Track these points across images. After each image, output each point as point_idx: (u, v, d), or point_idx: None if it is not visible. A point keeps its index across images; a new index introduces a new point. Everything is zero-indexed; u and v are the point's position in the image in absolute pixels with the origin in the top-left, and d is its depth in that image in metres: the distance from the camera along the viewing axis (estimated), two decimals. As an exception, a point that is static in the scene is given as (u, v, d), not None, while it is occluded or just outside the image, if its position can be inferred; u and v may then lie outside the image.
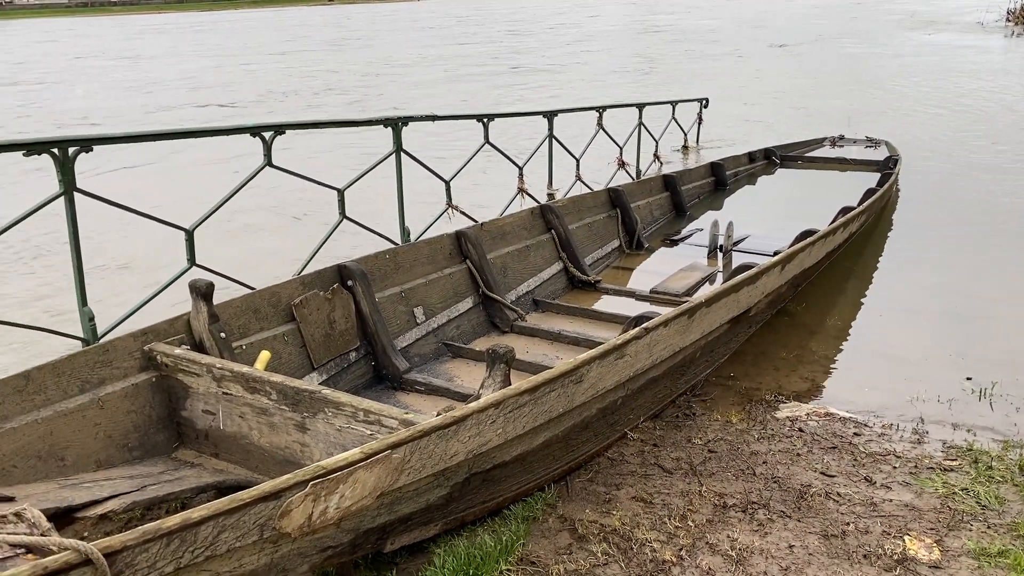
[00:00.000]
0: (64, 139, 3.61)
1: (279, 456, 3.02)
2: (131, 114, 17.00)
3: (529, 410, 2.80)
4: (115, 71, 26.15)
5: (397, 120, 5.40)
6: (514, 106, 15.32)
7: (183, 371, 3.18)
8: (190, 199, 6.56)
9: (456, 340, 4.67)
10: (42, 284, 6.52)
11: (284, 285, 3.94)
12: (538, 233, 5.65)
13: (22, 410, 2.77)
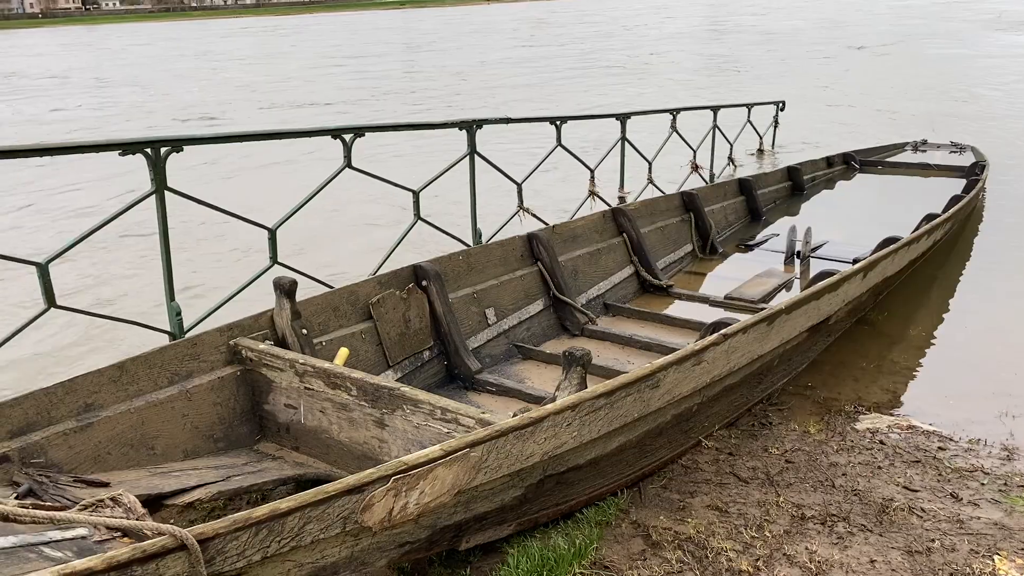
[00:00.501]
0: (156, 140, 3.74)
1: (358, 451, 3.07)
2: (244, 110, 17.67)
3: (605, 414, 2.80)
4: (223, 71, 27.15)
5: (471, 123, 5.44)
6: (599, 107, 15.31)
7: (267, 366, 3.26)
8: (271, 197, 6.76)
9: (526, 342, 4.68)
10: (124, 278, 6.78)
11: (362, 284, 4.02)
12: (609, 236, 5.63)
13: (116, 400, 2.89)
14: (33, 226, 9.11)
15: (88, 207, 9.64)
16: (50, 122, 18.21)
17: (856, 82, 17.87)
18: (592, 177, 6.72)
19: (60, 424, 2.70)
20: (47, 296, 3.38)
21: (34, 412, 2.65)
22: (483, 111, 16.19)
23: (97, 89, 24.79)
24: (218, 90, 22.08)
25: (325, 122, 16.59)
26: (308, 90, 21.24)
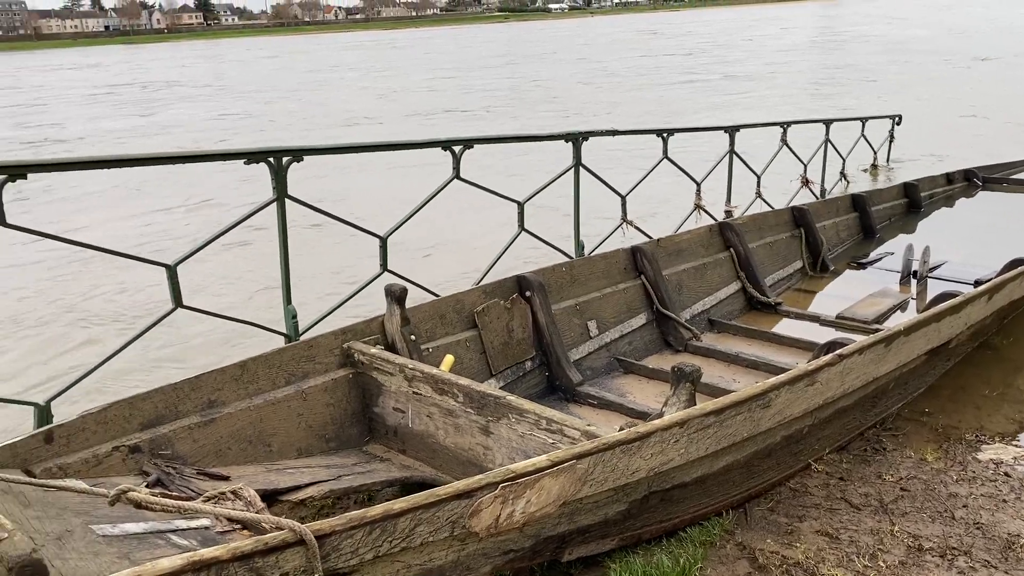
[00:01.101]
0: (278, 149, 3.91)
1: (463, 457, 3.12)
2: (389, 116, 18.48)
3: (713, 432, 2.75)
4: (361, 81, 28.40)
5: (577, 135, 5.46)
6: (713, 118, 15.13)
7: (377, 369, 3.35)
8: (382, 206, 6.95)
9: (628, 356, 4.65)
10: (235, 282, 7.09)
11: (467, 293, 4.08)
12: (716, 251, 5.53)
13: (238, 397, 3.02)
14: (164, 229, 9.67)
15: (208, 208, 10.16)
16: (222, 128, 19.53)
17: (986, 94, 17.01)
18: (698, 190, 6.63)
19: (186, 418, 2.84)
20: (175, 296, 3.57)
21: (163, 406, 2.80)
22: (603, 122, 16.33)
23: (252, 95, 26.32)
24: (360, 99, 23.15)
25: (454, 130, 17.12)
26: (436, 99, 22.07)
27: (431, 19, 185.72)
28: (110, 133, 19.83)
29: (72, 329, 6.63)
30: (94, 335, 6.43)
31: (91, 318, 6.83)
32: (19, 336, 6.61)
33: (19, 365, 6.01)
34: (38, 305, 7.25)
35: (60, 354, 6.12)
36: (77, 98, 29.79)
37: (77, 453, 2.54)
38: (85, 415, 2.60)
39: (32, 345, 6.38)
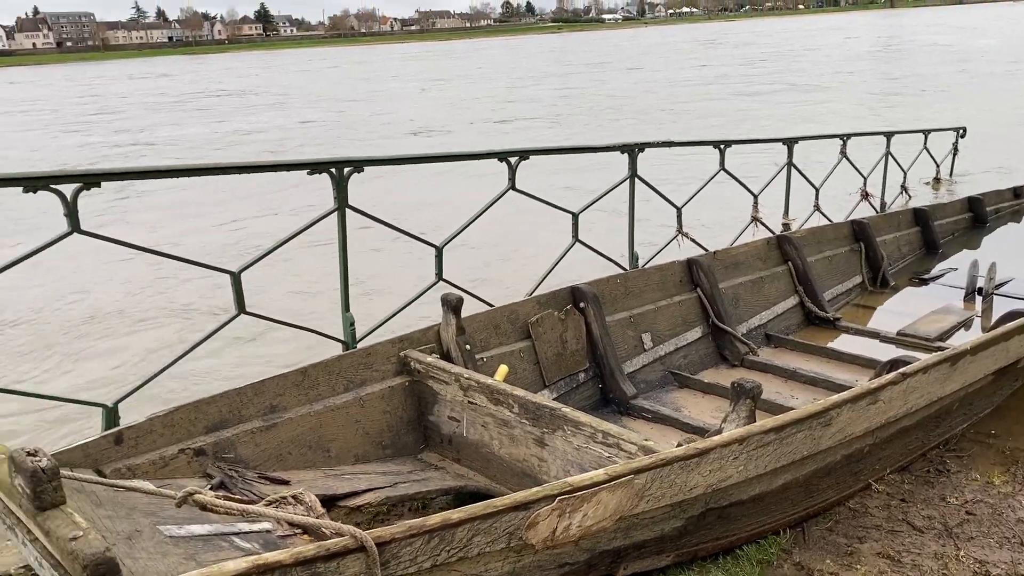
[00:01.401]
0: (339, 160, 3.98)
1: (517, 468, 3.13)
2: (457, 125, 18.88)
3: (773, 449, 2.71)
4: (425, 90, 29.00)
5: (633, 146, 5.44)
6: (774, 129, 14.99)
7: (433, 378, 3.38)
8: (437, 215, 7.02)
9: (683, 369, 4.61)
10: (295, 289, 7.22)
11: (522, 304, 4.09)
12: (773, 264, 5.46)
13: (298, 403, 3.08)
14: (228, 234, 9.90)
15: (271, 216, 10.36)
16: (301, 135, 20.17)
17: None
18: (755, 203, 6.54)
19: (249, 423, 2.91)
20: (238, 303, 3.65)
21: (227, 410, 2.86)
22: (669, 131, 16.32)
23: (323, 104, 27.09)
24: (427, 108, 23.67)
25: (520, 138, 17.26)
26: (502, 109, 22.45)
27: (485, 30, 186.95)
28: (198, 138, 20.55)
29: (140, 332, 6.83)
30: (161, 338, 6.62)
31: (157, 320, 7.04)
32: (92, 337, 6.85)
33: (92, 366, 6.22)
34: (112, 307, 7.50)
35: (129, 357, 6.31)
36: (157, 106, 30.84)
37: (145, 455, 2.62)
38: (153, 418, 2.68)
39: (103, 347, 6.59)
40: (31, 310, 7.53)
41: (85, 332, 6.97)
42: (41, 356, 6.44)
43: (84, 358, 6.45)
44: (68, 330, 7.05)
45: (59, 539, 1.74)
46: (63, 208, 3.06)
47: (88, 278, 8.37)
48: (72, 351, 6.55)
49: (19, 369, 6.28)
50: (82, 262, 8.62)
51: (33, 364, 6.32)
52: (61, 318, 7.32)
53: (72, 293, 7.98)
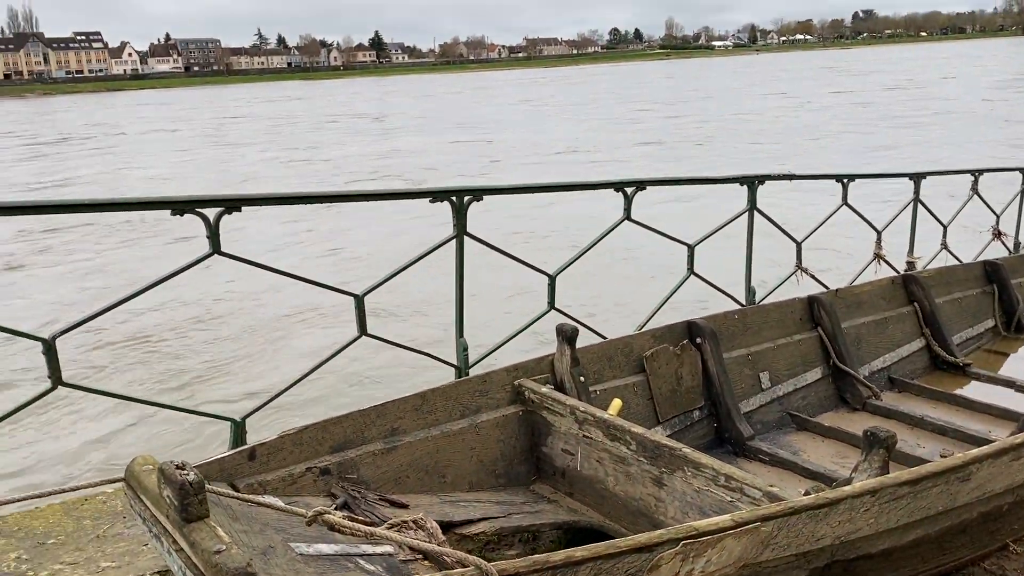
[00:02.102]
0: (459, 189, 4.05)
1: (632, 506, 3.09)
2: (603, 147, 19.40)
3: (906, 503, 2.59)
4: (564, 115, 29.85)
5: (753, 178, 5.34)
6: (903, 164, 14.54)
7: (547, 409, 3.38)
8: (549, 245, 7.08)
9: (801, 411, 4.46)
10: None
11: (636, 336, 4.06)
12: (898, 305, 5.24)
13: (417, 426, 3.14)
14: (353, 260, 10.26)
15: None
16: (456, 155, 21.09)
17: None
18: (879, 239, 6.30)
19: (371, 444, 2.98)
20: (360, 325, 3.76)
21: (351, 431, 2.94)
22: (791, 162, 16.12)
23: (463, 128, 28.18)
24: (566, 130, 24.31)
25: (661, 163, 17.28)
26: (642, 131, 22.86)
27: (591, 56, 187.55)
28: (362, 157, 21.58)
29: (268, 350, 7.14)
30: (288, 358, 6.89)
31: (285, 341, 7.35)
32: (221, 352, 7.20)
33: (220, 381, 6.54)
34: (244, 327, 7.86)
35: (255, 373, 6.60)
36: (306, 127, 32.38)
37: (275, 471, 2.71)
38: (283, 435, 2.77)
39: (232, 364, 6.92)
40: (169, 326, 7.98)
41: (223, 347, 7.33)
42: (175, 369, 6.82)
43: (215, 372, 6.78)
44: (209, 344, 7.43)
45: (203, 551, 1.82)
46: (206, 230, 3.23)
47: (218, 296, 8.81)
48: (208, 365, 6.90)
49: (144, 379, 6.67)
50: (212, 282, 9.09)
51: (165, 376, 6.69)
52: (200, 333, 7.73)
53: (207, 313, 8.41)
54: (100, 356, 7.08)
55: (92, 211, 3.11)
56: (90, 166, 22.97)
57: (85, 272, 8.77)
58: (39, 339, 2.98)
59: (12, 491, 4.69)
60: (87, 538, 2.89)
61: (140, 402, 3.52)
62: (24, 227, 14.29)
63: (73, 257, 11.08)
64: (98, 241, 11.19)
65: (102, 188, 19.45)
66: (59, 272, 10.32)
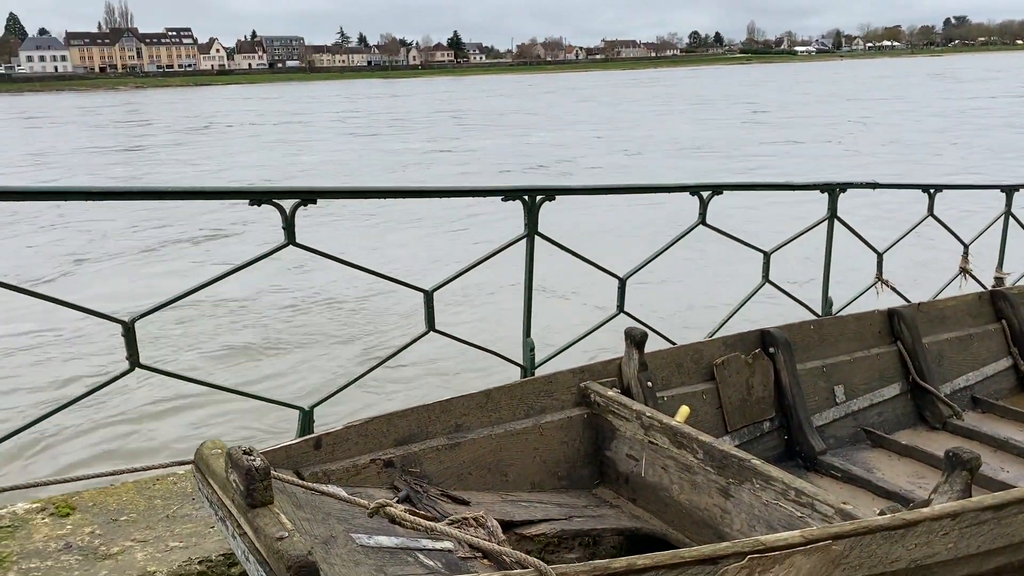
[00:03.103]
0: (532, 188, 4.04)
1: (697, 516, 3.02)
2: (725, 146, 19.60)
3: (989, 529, 2.46)
4: (666, 115, 30.04)
5: (835, 186, 5.19)
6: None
7: (613, 413, 3.34)
8: (621, 246, 7.03)
9: (877, 428, 4.30)
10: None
11: (707, 344, 3.97)
12: (985, 322, 5.01)
13: (481, 424, 3.13)
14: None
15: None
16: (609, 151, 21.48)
17: None
18: (965, 253, 6.05)
19: (434, 439, 2.98)
20: (428, 320, 3.78)
21: (416, 425, 2.95)
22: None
23: (583, 124, 28.52)
24: (689, 129, 24.49)
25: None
26: (766, 132, 22.90)
27: (670, 60, 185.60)
28: (501, 150, 22.02)
29: (337, 344, 7.27)
30: (356, 350, 7.01)
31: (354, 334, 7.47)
32: (292, 344, 7.36)
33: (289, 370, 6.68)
34: (315, 321, 8.03)
35: (323, 365, 6.73)
36: (442, 120, 32.57)
37: (340, 461, 2.74)
38: (349, 426, 2.80)
39: (300, 356, 7.07)
40: (244, 316, 8.19)
41: (290, 338, 7.50)
42: (245, 357, 7.00)
43: (284, 364, 6.94)
44: (277, 335, 7.61)
45: (267, 537, 1.83)
46: (282, 221, 3.29)
47: (289, 289, 9.00)
48: (277, 356, 7.06)
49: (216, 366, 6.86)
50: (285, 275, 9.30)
51: (234, 364, 6.87)
52: (272, 324, 7.92)
53: (281, 302, 8.61)
54: (176, 342, 7.33)
55: (172, 199, 3.20)
56: (256, 151, 23.72)
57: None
58: (119, 321, 3.08)
59: (85, 469, 4.87)
60: (157, 517, 2.97)
61: (213, 387, 3.61)
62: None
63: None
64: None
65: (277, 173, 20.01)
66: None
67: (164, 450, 5.52)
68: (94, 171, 17.51)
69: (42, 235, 11.99)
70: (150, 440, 5.71)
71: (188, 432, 5.67)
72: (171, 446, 5.55)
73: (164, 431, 5.82)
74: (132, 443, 5.64)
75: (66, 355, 7.15)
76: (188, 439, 5.44)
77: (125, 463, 2.84)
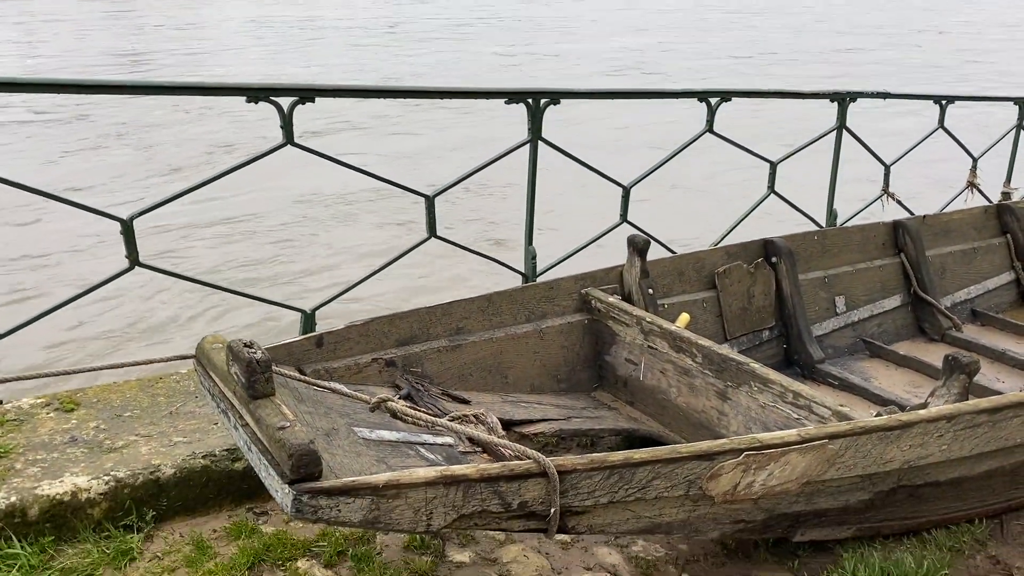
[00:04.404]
0: (536, 91, 3.94)
1: (694, 419, 3.05)
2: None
3: (983, 432, 2.49)
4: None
5: (844, 95, 5.08)
6: None
7: (613, 319, 3.34)
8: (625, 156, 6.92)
9: (876, 338, 4.32)
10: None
11: (709, 252, 3.95)
12: (990, 235, 4.98)
13: (482, 327, 3.14)
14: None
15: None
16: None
17: None
18: (974, 167, 5.97)
19: (436, 341, 2.99)
20: (430, 226, 3.75)
21: (417, 327, 2.96)
22: None
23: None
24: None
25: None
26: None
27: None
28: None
29: (338, 249, 7.26)
30: (357, 257, 7.01)
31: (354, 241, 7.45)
32: (292, 249, 7.35)
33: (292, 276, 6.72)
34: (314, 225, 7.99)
35: (325, 270, 6.74)
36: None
37: (342, 359, 2.75)
38: (350, 326, 2.80)
39: (302, 261, 7.07)
40: (243, 220, 8.14)
41: (294, 243, 7.48)
42: (246, 260, 7.00)
43: (286, 269, 6.94)
44: (273, 238, 7.59)
45: (268, 427, 1.85)
46: (279, 120, 3.22)
47: (289, 189, 8.90)
48: (279, 260, 7.06)
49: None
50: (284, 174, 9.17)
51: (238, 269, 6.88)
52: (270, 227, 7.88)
53: (277, 204, 8.53)
54: (176, 245, 7.33)
55: (168, 94, 3.13)
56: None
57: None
58: (117, 219, 3.05)
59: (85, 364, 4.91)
60: (160, 414, 3.00)
61: (213, 287, 3.60)
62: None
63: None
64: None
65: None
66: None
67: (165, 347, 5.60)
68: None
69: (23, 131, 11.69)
70: (150, 342, 5.78)
71: (188, 334, 5.73)
72: (175, 349, 5.60)
73: (163, 334, 5.89)
74: (132, 345, 5.70)
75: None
76: (191, 340, 5.50)
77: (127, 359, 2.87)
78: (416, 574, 2.52)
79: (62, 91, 2.89)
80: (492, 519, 1.97)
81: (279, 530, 2.66)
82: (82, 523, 2.56)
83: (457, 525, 1.93)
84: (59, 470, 2.63)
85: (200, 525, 2.69)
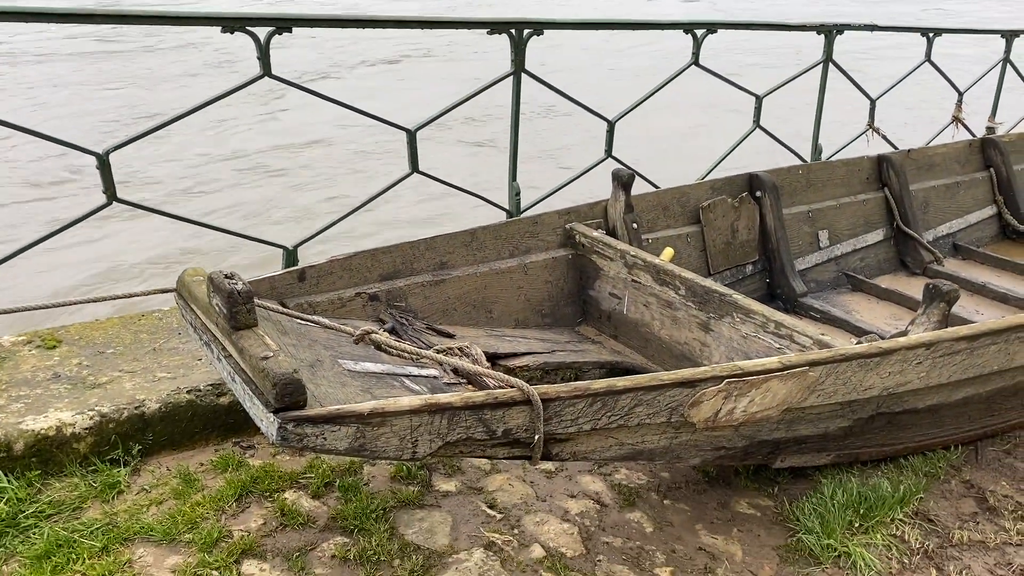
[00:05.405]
0: (519, 21, 3.86)
1: (676, 351, 3.08)
2: None
3: (961, 360, 2.52)
4: None
5: (831, 27, 5.01)
6: None
7: (597, 253, 3.34)
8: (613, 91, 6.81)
9: (858, 272, 4.35)
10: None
11: (694, 187, 3.93)
12: (973, 170, 4.99)
13: (466, 262, 3.12)
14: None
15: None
16: None
17: None
18: (959, 101, 5.95)
19: (420, 276, 2.98)
20: (412, 161, 3.70)
21: (400, 261, 2.94)
22: None
23: None
24: None
25: None
26: None
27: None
28: None
29: (319, 186, 7.18)
30: (339, 191, 6.94)
31: (336, 178, 7.36)
32: (271, 187, 7.26)
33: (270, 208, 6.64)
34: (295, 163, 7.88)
35: (306, 208, 6.68)
36: None
37: (324, 294, 2.74)
38: (332, 260, 2.78)
39: (283, 198, 6.99)
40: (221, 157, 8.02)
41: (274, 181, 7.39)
42: (228, 199, 6.92)
43: (266, 205, 6.87)
44: (258, 174, 7.49)
45: (251, 357, 1.84)
46: (256, 51, 3.14)
47: (267, 128, 8.76)
48: (259, 197, 6.98)
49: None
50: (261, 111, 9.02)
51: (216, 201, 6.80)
52: (250, 171, 7.78)
53: (260, 148, 8.40)
54: (155, 182, 7.24)
55: (141, 23, 3.03)
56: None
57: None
58: (93, 153, 2.99)
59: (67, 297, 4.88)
60: (143, 350, 2.99)
61: (193, 223, 3.56)
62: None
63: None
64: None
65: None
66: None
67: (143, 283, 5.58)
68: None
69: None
70: (128, 279, 5.75)
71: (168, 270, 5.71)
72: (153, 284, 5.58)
73: (142, 272, 5.85)
74: (112, 279, 5.68)
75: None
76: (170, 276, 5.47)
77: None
78: (403, 503, 2.55)
79: (30, 20, 2.79)
80: (477, 446, 1.98)
81: (266, 463, 2.68)
82: (68, 458, 2.56)
83: (442, 453, 1.95)
84: (43, 406, 2.62)
85: (187, 459, 2.71)
